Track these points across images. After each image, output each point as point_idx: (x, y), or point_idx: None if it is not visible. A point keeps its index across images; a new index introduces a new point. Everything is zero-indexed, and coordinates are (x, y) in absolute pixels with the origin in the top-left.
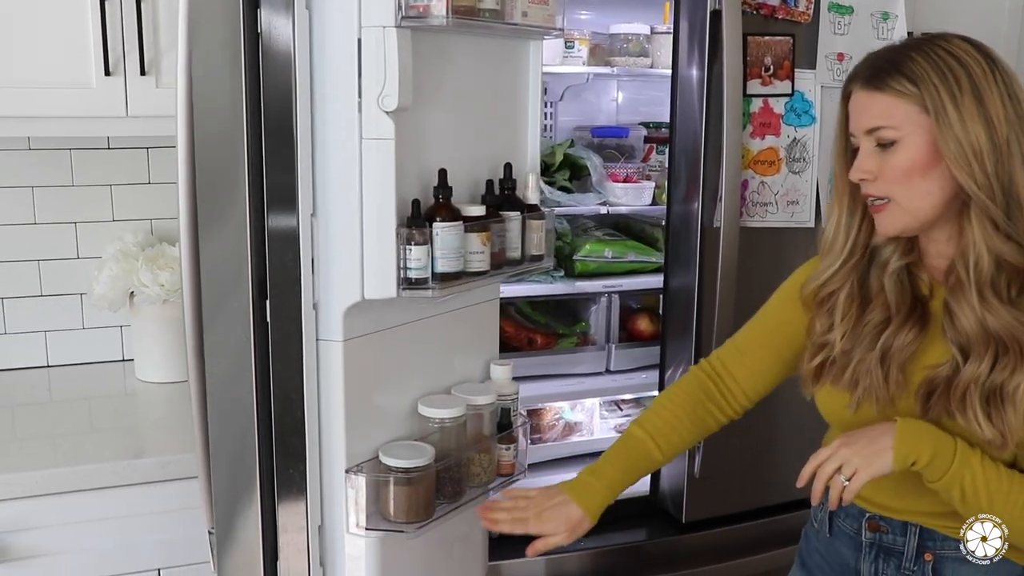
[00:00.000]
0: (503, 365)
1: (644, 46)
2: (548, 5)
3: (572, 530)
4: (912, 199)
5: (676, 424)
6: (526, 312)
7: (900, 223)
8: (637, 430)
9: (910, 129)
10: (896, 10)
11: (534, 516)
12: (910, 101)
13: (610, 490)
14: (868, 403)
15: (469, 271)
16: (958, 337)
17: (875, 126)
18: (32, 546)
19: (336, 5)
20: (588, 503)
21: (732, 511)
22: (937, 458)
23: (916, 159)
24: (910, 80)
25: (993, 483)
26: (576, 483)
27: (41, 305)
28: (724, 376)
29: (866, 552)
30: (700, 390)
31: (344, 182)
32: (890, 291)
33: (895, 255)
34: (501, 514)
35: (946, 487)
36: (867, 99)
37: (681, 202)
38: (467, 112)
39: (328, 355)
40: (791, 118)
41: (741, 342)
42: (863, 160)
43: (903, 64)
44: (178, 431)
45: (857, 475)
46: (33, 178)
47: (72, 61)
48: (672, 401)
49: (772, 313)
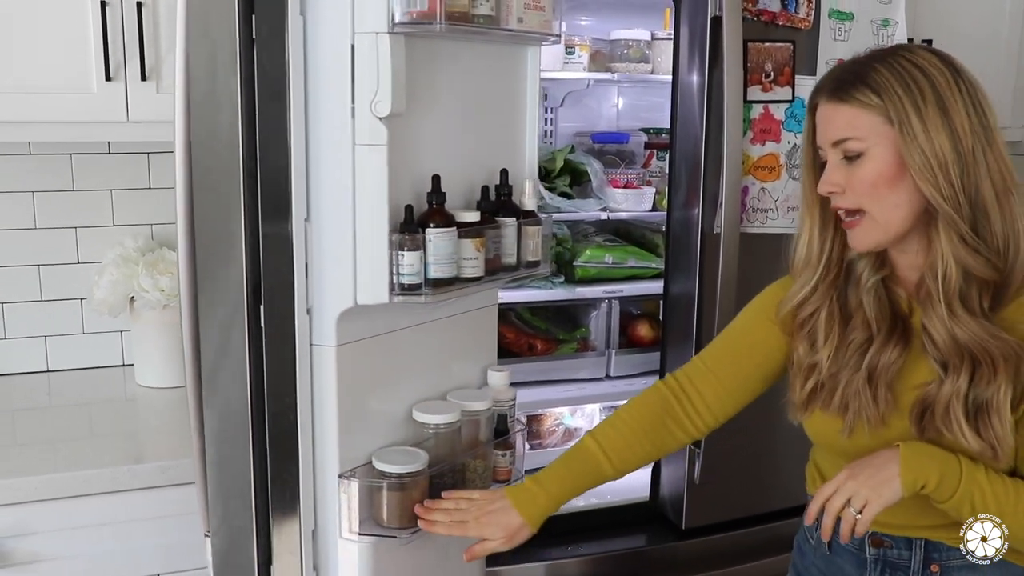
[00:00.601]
0: (500, 371)
1: (645, 52)
2: (544, 11)
3: (511, 537)
4: (882, 211)
5: (632, 440)
6: (526, 318)
7: (873, 238)
8: (591, 442)
9: (875, 140)
10: (896, 16)
11: (473, 520)
12: (874, 112)
13: (552, 501)
14: (860, 426)
15: (463, 277)
16: (936, 352)
17: (841, 138)
18: (31, 551)
19: (330, 11)
20: (529, 512)
21: (732, 517)
22: (945, 479)
23: (882, 171)
24: (873, 91)
25: (1001, 496)
26: (519, 489)
27: (41, 310)
28: (691, 394)
29: (871, 568)
30: (662, 408)
31: (337, 187)
32: (869, 307)
33: (868, 269)
34: (439, 515)
35: (956, 506)
36: (832, 111)
37: (681, 208)
38: (463, 118)
39: (321, 360)
40: (791, 124)
41: (710, 360)
42: (831, 173)
43: (867, 75)
44: (178, 436)
45: (869, 507)
46: (33, 183)
47: (73, 66)
48: (632, 416)
49: (743, 331)
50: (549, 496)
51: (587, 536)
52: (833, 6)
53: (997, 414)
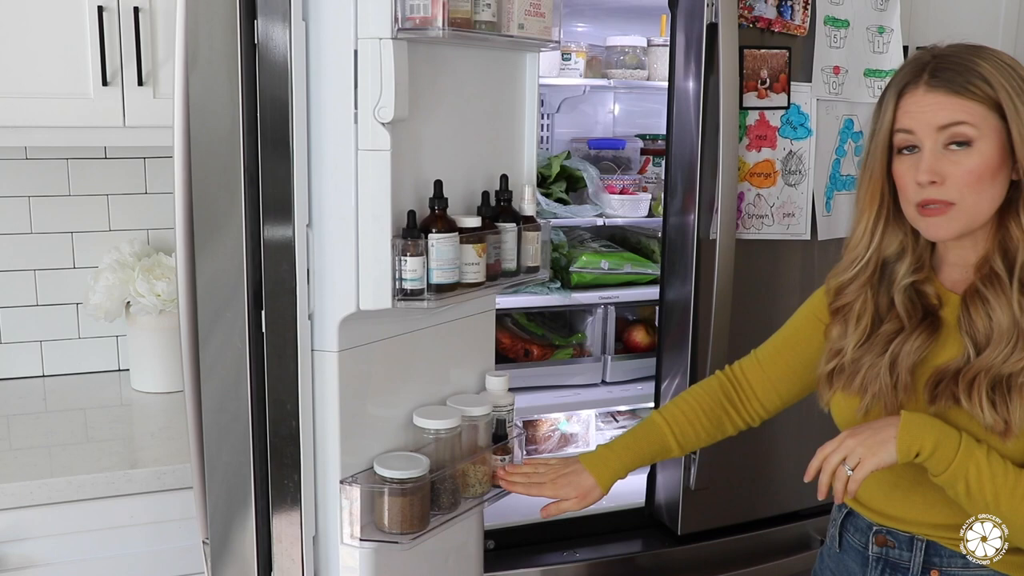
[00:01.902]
0: (499, 376)
1: (641, 58)
2: (544, 17)
3: (583, 496)
4: (978, 203)
5: (694, 419)
6: (522, 323)
7: (957, 227)
8: (658, 418)
9: (985, 131)
10: (892, 24)
11: (549, 481)
12: (985, 104)
13: (622, 465)
14: (877, 408)
15: (464, 282)
16: (975, 332)
17: (954, 121)
18: (27, 557)
19: (332, 16)
20: (600, 473)
21: (727, 523)
22: (940, 449)
23: (989, 162)
24: (985, 82)
25: (999, 478)
26: (592, 455)
27: (37, 315)
28: (742, 383)
29: (872, 566)
30: (720, 392)
31: (340, 193)
32: (900, 305)
33: (906, 271)
34: (518, 477)
35: (951, 481)
36: (940, 98)
37: (677, 214)
38: (464, 123)
39: (323, 365)
40: (787, 131)
41: (761, 353)
42: (933, 161)
43: (973, 66)
44: (174, 441)
45: (861, 464)
46: (30, 188)
47: (70, 71)
48: (693, 397)
49: (792, 329)
50: (619, 460)
51: (583, 541)
52: (829, 13)
53: (1020, 393)
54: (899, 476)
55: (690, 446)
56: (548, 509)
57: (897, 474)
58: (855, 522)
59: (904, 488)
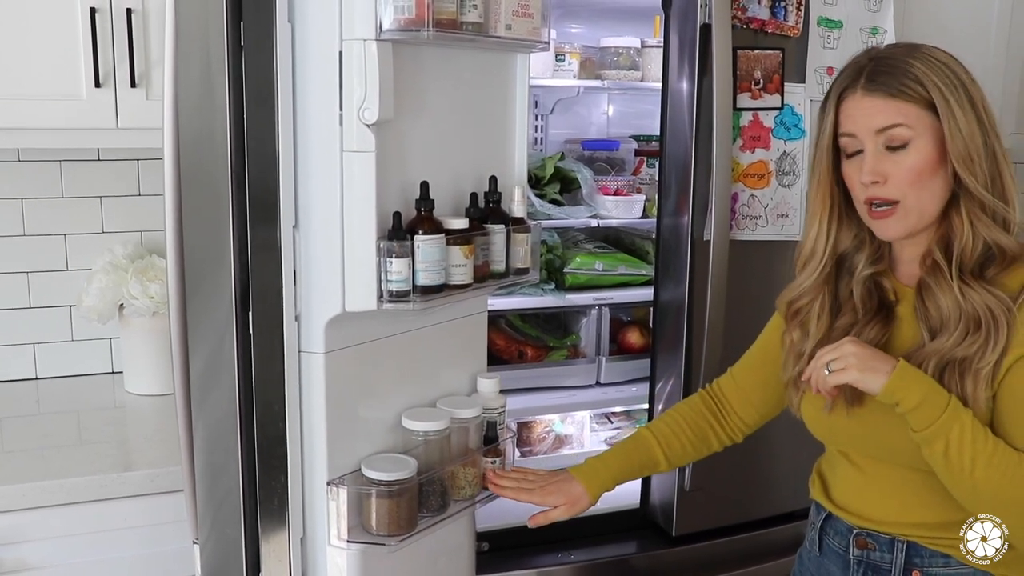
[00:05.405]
0: (490, 378)
1: (634, 59)
2: (532, 18)
3: (572, 504)
4: (920, 199)
5: (680, 433)
6: (516, 325)
7: (906, 224)
8: (645, 432)
9: (920, 131)
10: (885, 24)
11: (539, 488)
12: (919, 104)
13: (611, 476)
14: (839, 402)
15: (451, 284)
16: (929, 320)
17: (889, 124)
18: (21, 560)
19: (318, 19)
20: (590, 483)
21: (722, 524)
22: (925, 405)
23: (927, 160)
24: (918, 83)
25: (979, 444)
26: (581, 466)
27: (30, 317)
28: (722, 400)
29: (854, 570)
30: (704, 407)
31: (325, 194)
32: (858, 297)
33: (864, 263)
34: (508, 482)
35: (930, 437)
36: (875, 101)
37: (671, 215)
38: (452, 125)
39: (310, 367)
40: (781, 132)
41: (736, 370)
42: (875, 162)
43: (906, 68)
44: (167, 444)
45: (846, 371)
46: (22, 190)
47: (62, 73)
48: (679, 413)
49: (763, 344)
50: (608, 471)
51: (578, 543)
52: (822, 14)
53: (973, 377)
54: (870, 479)
55: (677, 460)
56: (536, 518)
57: (868, 477)
58: (835, 525)
59: (878, 490)
